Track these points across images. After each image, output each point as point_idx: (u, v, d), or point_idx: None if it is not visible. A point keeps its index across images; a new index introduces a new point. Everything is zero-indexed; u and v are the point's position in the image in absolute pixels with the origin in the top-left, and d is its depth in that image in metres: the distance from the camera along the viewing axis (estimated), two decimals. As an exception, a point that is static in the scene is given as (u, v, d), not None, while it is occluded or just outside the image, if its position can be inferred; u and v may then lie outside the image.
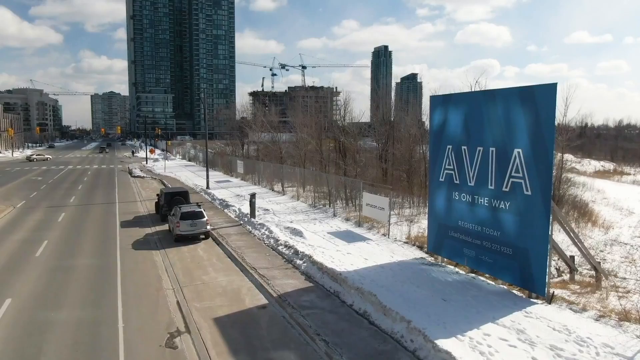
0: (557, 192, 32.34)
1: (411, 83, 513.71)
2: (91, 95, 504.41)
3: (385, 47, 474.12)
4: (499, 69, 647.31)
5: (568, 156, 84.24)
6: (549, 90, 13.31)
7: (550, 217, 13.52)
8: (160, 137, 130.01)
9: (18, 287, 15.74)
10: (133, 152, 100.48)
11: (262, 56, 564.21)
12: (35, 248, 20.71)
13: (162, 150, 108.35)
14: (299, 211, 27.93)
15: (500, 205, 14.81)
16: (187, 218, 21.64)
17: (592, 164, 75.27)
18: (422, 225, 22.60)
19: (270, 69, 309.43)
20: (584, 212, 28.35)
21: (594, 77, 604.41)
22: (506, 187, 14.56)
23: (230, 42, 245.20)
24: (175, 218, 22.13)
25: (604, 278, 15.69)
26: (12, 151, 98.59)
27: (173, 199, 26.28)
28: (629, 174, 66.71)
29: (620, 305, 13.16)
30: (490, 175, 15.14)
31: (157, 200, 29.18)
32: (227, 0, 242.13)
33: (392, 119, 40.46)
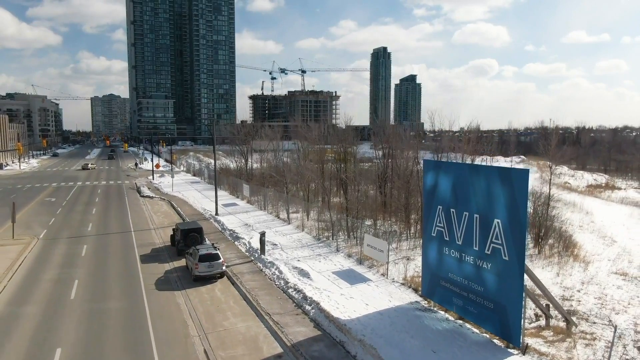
0: (545, 223, 34.67)
1: (410, 84, 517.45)
2: (91, 98, 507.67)
3: (384, 48, 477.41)
4: (498, 68, 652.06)
5: (563, 169, 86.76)
6: (522, 175, 15.65)
7: (524, 280, 15.86)
8: (165, 145, 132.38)
9: (63, 335, 18.00)
10: (136, 164, 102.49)
11: (260, 56, 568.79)
12: (68, 290, 22.96)
13: (166, 160, 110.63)
14: (305, 245, 30.21)
15: (483, 265, 17.11)
16: (205, 260, 23.89)
17: (585, 178, 77.67)
18: (417, 264, 24.89)
19: (270, 73, 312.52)
20: (567, 245, 30.59)
21: (592, 76, 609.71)
22: (488, 251, 16.86)
23: (230, 48, 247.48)
24: (193, 259, 24.38)
25: (574, 327, 17.98)
26: (20, 163, 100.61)
27: (188, 236, 28.60)
28: (620, 188, 69.05)
29: (585, 355, 15.48)
30: (475, 238, 17.44)
31: (172, 234, 31.45)
32: (227, 6, 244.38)
33: (392, 150, 42.68)
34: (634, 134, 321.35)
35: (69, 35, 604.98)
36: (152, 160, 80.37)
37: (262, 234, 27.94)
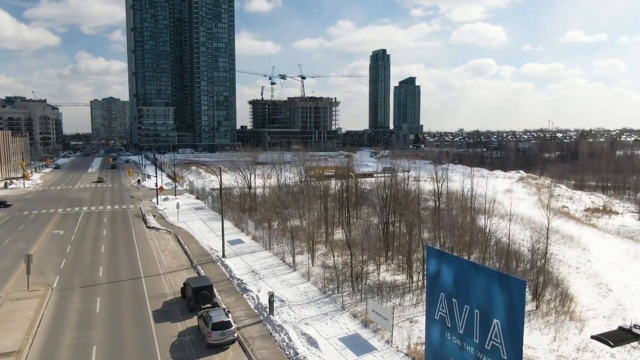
0: (543, 269, 35.87)
1: (409, 87, 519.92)
2: (91, 102, 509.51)
3: (383, 51, 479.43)
4: (496, 68, 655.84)
5: (562, 188, 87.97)
6: (520, 284, 16.78)
7: None
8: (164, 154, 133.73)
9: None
10: (139, 181, 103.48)
11: (258, 57, 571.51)
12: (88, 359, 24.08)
13: (169, 176, 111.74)
14: (311, 300, 31.33)
15: (483, 358, 18.23)
16: (218, 328, 25.01)
17: (583, 200, 78.82)
18: (420, 327, 26.07)
19: (270, 78, 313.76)
20: (564, 298, 31.70)
21: (591, 76, 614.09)
22: (488, 346, 17.98)
23: (230, 55, 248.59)
24: (206, 326, 25.49)
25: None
26: (24, 181, 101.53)
27: (200, 294, 29.75)
28: (617, 212, 70.25)
29: None
30: (476, 331, 18.55)
31: (183, 287, 32.54)
32: (227, 13, 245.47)
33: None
34: (632, 138, 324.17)
35: (67, 36, 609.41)
36: (155, 183, 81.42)
37: (271, 295, 29.04)
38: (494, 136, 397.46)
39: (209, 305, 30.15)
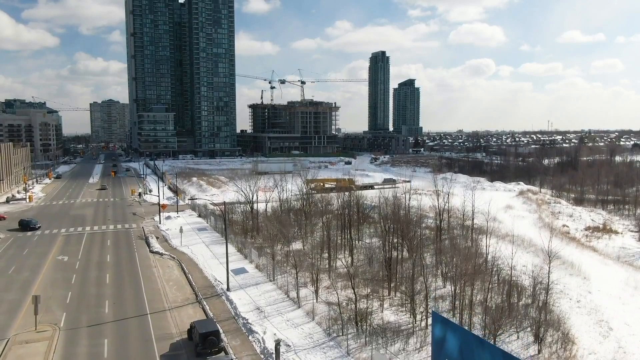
0: (544, 303, 36.34)
1: (409, 89, 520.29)
2: (90, 104, 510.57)
3: (383, 52, 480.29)
4: (494, 68, 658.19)
5: (561, 204, 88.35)
6: (525, 367, 17.19)
7: None
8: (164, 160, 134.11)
9: None
10: (140, 195, 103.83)
11: (257, 57, 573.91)
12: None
13: (170, 189, 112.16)
14: (316, 343, 31.74)
15: None
16: (225, 383, 25.43)
17: (583, 218, 79.23)
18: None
19: (270, 82, 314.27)
20: (565, 341, 32.07)
21: (589, 76, 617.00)
22: (493, 421, 18.40)
23: (230, 60, 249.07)
24: (214, 379, 25.92)
25: None
26: (27, 195, 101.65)
27: (207, 340, 30.15)
28: (617, 232, 70.65)
29: None
30: (481, 404, 18.96)
31: (189, 329, 32.96)
32: (227, 19, 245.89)
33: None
34: (631, 142, 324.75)
35: (65, 36, 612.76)
36: (158, 202, 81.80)
37: (277, 343, 29.40)
38: (494, 138, 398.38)
39: (216, 349, 30.58)
